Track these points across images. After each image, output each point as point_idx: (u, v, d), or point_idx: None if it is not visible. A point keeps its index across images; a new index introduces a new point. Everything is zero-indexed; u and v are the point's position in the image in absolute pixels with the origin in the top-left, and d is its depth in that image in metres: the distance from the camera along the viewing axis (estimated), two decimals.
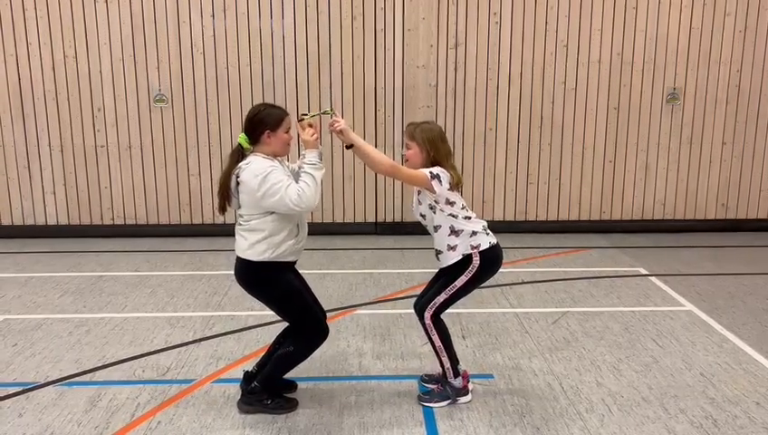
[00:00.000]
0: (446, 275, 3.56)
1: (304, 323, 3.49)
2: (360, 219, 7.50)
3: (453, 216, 3.46)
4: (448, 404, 3.63)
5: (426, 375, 3.89)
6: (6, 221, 7.38)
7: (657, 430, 3.40)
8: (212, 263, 6.31)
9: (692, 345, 4.42)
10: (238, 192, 3.35)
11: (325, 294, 5.43)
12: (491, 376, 3.98)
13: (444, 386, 3.66)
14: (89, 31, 6.98)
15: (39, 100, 7.11)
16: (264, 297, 3.50)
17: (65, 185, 7.32)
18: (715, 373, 4.01)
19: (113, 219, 7.41)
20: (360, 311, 5.07)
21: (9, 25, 6.94)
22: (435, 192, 3.39)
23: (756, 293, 5.45)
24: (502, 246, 3.61)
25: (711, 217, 7.59)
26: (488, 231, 3.54)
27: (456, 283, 3.49)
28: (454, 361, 3.63)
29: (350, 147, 3.46)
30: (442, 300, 3.52)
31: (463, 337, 4.53)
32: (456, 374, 3.63)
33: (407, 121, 4.66)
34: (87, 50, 7.02)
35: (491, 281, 5.65)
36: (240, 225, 3.41)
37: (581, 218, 7.55)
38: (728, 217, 7.59)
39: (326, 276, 5.92)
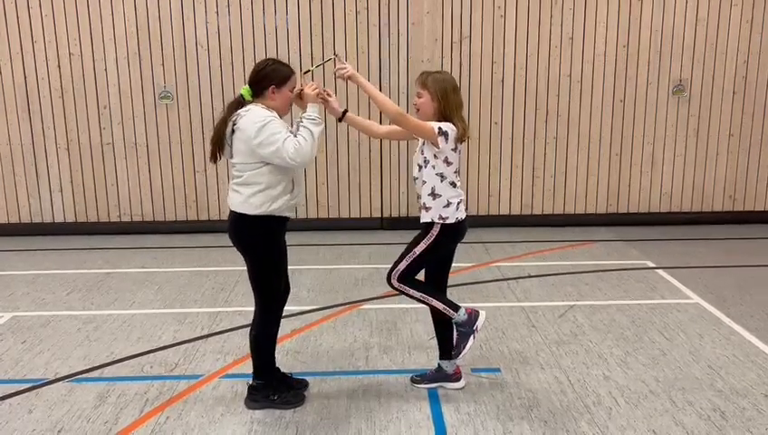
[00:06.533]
0: (411, 242, 3.59)
1: (265, 292, 3.48)
2: (365, 214, 7.50)
3: (441, 176, 3.45)
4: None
5: (417, 376, 3.86)
6: (14, 219, 7.42)
7: (665, 422, 3.40)
8: (219, 259, 6.32)
9: (699, 338, 4.41)
10: (233, 140, 3.31)
11: (331, 290, 5.44)
12: (498, 370, 3.99)
13: (457, 330, 3.61)
14: (94, 28, 7.00)
15: (45, 98, 7.14)
16: (249, 255, 3.44)
17: (72, 182, 7.35)
18: (723, 366, 4.01)
19: (120, 216, 7.44)
20: (366, 306, 5.07)
21: (15, 24, 6.96)
22: (438, 148, 3.40)
23: (764, 285, 5.42)
24: (509, 240, 3.62)
25: (718, 209, 7.56)
26: (460, 206, 3.54)
27: (415, 250, 3.52)
28: (444, 301, 3.57)
29: (341, 117, 3.58)
30: (404, 267, 3.52)
31: None
32: (456, 308, 3.55)
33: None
34: (92, 47, 7.04)
35: (497, 275, 5.71)
36: (234, 179, 3.37)
37: (588, 212, 7.53)
38: (735, 209, 7.56)
39: (332, 272, 5.93)
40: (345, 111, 3.64)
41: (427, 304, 3.60)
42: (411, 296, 3.58)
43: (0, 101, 7.13)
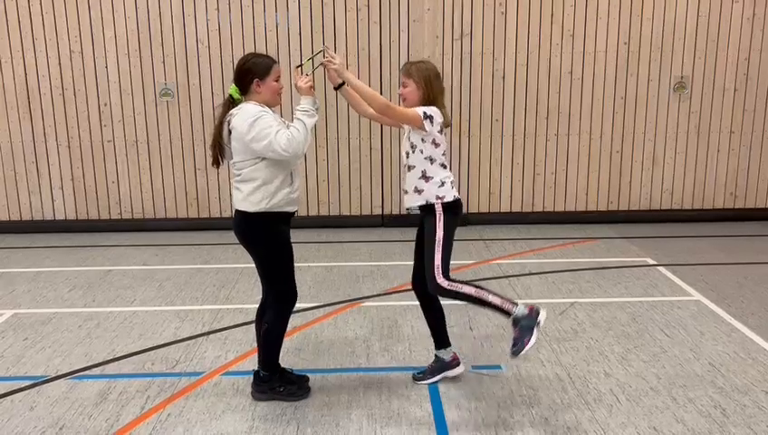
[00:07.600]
0: (424, 239, 3.56)
1: (278, 288, 3.49)
2: (366, 212, 7.50)
3: (430, 159, 3.49)
4: (537, 332, 3.34)
5: (418, 374, 3.85)
6: (15, 217, 7.42)
7: (665, 419, 3.40)
8: (219, 256, 6.33)
9: (700, 335, 4.41)
10: (230, 141, 3.35)
11: (332, 287, 5.44)
12: (498, 367, 3.99)
13: (515, 326, 3.38)
14: (94, 26, 7.00)
15: (45, 95, 7.14)
16: (256, 252, 3.48)
17: (73, 180, 7.35)
18: (724, 363, 4.01)
19: (121, 214, 7.44)
20: (367, 303, 5.08)
21: (15, 22, 6.96)
22: (426, 131, 3.44)
23: (765, 282, 5.42)
24: (509, 237, 3.61)
25: (719, 206, 7.56)
26: (453, 186, 3.57)
27: (437, 236, 3.48)
28: (500, 296, 3.44)
29: (338, 87, 3.58)
30: (438, 259, 3.46)
31: (470, 328, 4.53)
32: (515, 303, 3.42)
33: None
34: (93, 45, 7.04)
35: (498, 272, 5.71)
36: (234, 177, 3.41)
37: (589, 209, 7.53)
38: (736, 207, 7.56)
39: (333, 269, 5.93)
40: (343, 83, 3.63)
41: (483, 300, 3.41)
42: (464, 295, 3.42)
43: (1, 98, 7.13)
